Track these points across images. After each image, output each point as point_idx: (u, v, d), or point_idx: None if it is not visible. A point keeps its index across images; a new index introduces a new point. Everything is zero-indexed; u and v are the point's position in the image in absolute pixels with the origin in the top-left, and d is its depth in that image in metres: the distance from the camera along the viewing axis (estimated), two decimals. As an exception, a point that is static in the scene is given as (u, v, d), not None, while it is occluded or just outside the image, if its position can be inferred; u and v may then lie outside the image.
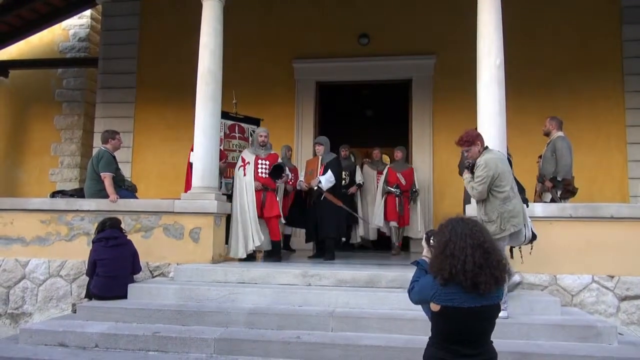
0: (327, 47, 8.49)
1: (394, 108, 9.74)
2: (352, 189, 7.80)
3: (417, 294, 2.29)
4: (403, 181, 7.54)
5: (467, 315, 2.09)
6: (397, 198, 7.44)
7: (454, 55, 7.85)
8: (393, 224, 7.51)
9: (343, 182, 7.60)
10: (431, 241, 2.42)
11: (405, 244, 7.99)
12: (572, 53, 7.95)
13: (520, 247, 4.24)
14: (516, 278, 4.01)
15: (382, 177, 7.71)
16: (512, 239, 4.06)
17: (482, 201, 4.11)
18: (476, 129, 4.41)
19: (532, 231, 4.11)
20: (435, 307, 2.15)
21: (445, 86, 8.14)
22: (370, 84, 9.25)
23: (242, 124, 6.91)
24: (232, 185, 6.22)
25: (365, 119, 11.48)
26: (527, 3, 7.86)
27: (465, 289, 2.08)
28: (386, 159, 9.65)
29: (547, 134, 6.00)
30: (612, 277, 4.91)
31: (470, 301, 2.09)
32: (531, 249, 4.23)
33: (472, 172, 4.10)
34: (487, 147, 4.21)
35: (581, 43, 7.95)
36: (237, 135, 6.70)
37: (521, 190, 4.24)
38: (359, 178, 7.95)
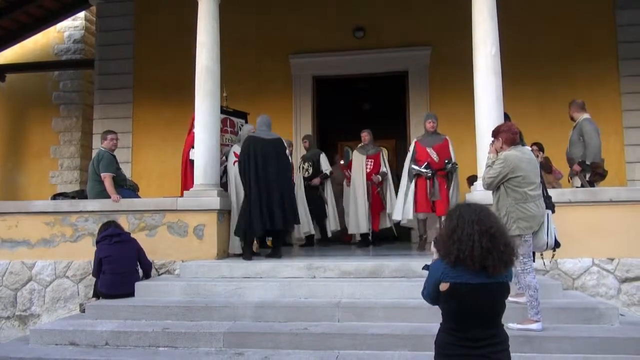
0: (323, 42, 8.50)
1: (392, 100, 9.77)
2: (315, 180, 7.21)
3: (427, 282, 2.31)
4: (435, 157, 6.05)
5: (475, 290, 2.13)
6: (427, 181, 6.02)
7: (449, 46, 7.86)
8: (421, 216, 6.17)
9: (306, 173, 7.30)
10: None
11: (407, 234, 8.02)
12: (568, 39, 7.98)
13: (541, 254, 4.14)
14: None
15: (409, 155, 6.28)
16: (533, 244, 3.94)
17: (497, 194, 4.03)
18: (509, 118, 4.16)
19: (555, 239, 3.97)
20: (444, 286, 2.18)
21: (441, 77, 8.17)
22: (367, 77, 9.27)
23: (233, 118, 6.87)
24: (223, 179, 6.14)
25: (362, 112, 11.51)
26: (521, -9, 7.91)
27: (474, 272, 2.13)
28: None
29: (573, 119, 5.90)
30: (612, 259, 4.98)
31: (478, 278, 2.13)
32: (552, 257, 4.16)
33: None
34: (519, 144, 4.07)
35: (576, 29, 7.98)
36: (228, 129, 6.69)
37: (547, 196, 4.07)
38: (324, 167, 7.35)
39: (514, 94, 6.52)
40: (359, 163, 7.27)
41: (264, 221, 5.43)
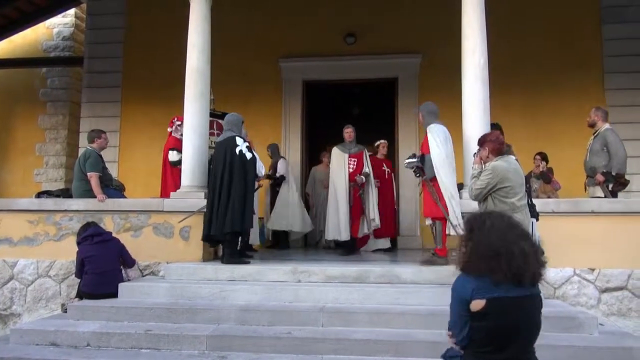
0: (314, 46, 8.55)
1: (382, 105, 9.83)
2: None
3: (453, 311, 2.05)
4: (419, 152, 5.45)
5: (513, 305, 1.96)
6: (418, 178, 5.39)
7: (439, 54, 7.95)
8: (427, 221, 5.34)
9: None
10: None
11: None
12: (556, 51, 8.12)
13: None
14: None
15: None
16: None
17: (484, 204, 4.04)
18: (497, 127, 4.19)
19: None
20: (478, 304, 1.97)
21: (430, 84, 8.22)
22: (357, 82, 9.32)
23: (220, 121, 6.83)
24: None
25: (352, 117, 11.55)
26: (511, 3, 8.02)
27: (509, 285, 1.96)
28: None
29: (592, 125, 5.86)
30: (593, 270, 5.05)
31: (513, 291, 1.97)
32: None
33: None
34: (505, 155, 4.07)
35: (564, 41, 8.13)
36: (215, 132, 6.66)
37: (532, 205, 4.11)
38: (279, 170, 7.38)
39: (500, 102, 6.61)
40: (340, 162, 6.64)
41: (206, 228, 5.33)
